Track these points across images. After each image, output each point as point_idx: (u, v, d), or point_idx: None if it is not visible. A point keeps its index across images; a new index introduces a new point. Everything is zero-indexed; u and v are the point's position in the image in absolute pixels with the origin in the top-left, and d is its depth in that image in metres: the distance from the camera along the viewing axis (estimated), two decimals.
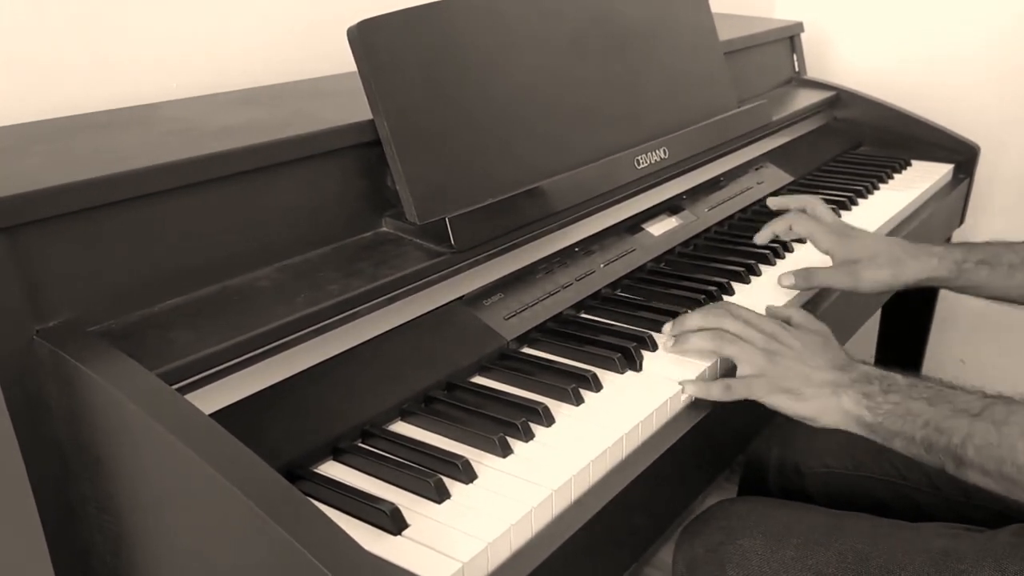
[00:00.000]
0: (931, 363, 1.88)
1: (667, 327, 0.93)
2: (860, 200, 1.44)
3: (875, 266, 1.04)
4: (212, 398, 0.70)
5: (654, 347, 0.93)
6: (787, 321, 0.90)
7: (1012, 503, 0.75)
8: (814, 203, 1.11)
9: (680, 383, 0.85)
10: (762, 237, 1.12)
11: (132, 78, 1.07)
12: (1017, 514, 0.85)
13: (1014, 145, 1.78)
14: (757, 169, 1.45)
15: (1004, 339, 1.91)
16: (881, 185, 1.52)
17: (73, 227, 0.68)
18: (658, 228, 1.19)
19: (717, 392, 0.85)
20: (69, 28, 1.01)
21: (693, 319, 0.90)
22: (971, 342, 1.97)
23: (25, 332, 0.64)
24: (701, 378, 0.88)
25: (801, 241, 1.23)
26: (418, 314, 0.87)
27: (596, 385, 0.85)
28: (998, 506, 0.88)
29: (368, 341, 0.82)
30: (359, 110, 0.89)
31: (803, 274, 1.05)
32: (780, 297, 1.06)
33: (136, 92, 1.06)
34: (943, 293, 1.77)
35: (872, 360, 1.82)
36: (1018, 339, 1.88)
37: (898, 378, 0.81)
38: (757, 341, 0.86)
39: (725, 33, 1.42)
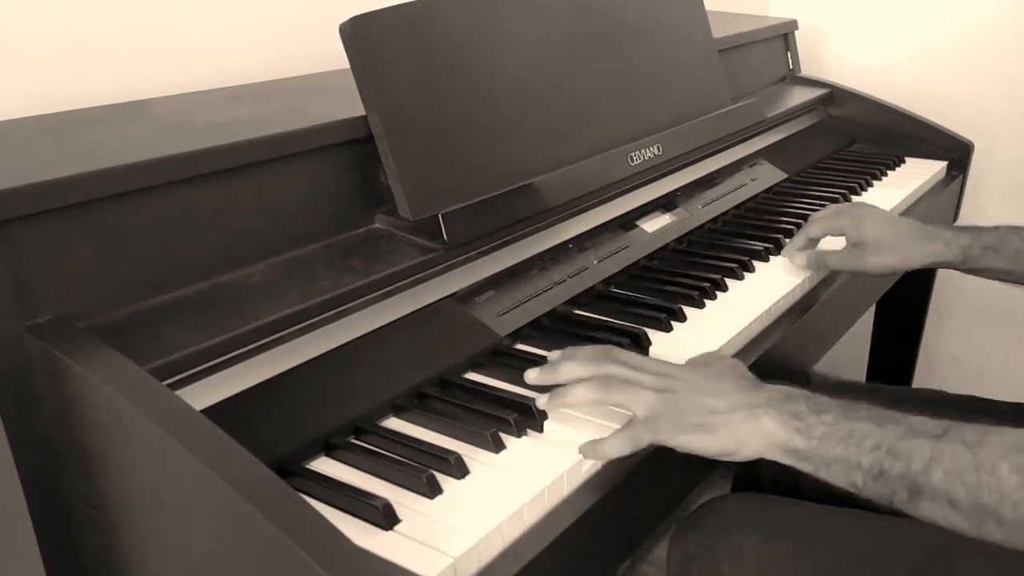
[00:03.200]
0: (924, 360, 1.89)
1: (532, 373, 0.80)
2: (854, 197, 1.44)
3: (883, 250, 1.06)
4: (203, 394, 0.70)
5: (648, 343, 0.93)
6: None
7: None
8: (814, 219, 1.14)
9: (580, 449, 0.74)
10: (799, 264, 1.13)
11: (123, 74, 1.07)
12: None
13: (1008, 142, 1.78)
14: (751, 166, 1.45)
15: (999, 336, 1.91)
16: (875, 182, 1.52)
17: (63, 222, 0.68)
18: (652, 225, 1.19)
19: (618, 446, 0.73)
20: (59, 24, 1.01)
21: (567, 367, 0.78)
22: (965, 339, 1.97)
23: (15, 328, 0.64)
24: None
25: (793, 236, 1.24)
26: (411, 310, 0.87)
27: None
28: None
29: (361, 337, 0.82)
30: (352, 106, 0.89)
31: (815, 256, 1.11)
32: (775, 291, 1.06)
33: (127, 88, 1.06)
34: (937, 289, 1.78)
35: (867, 359, 1.84)
36: (1014, 336, 1.89)
37: (825, 398, 0.72)
38: (646, 381, 0.75)
39: (719, 30, 1.42)
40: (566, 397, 0.77)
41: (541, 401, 0.78)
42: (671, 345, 0.93)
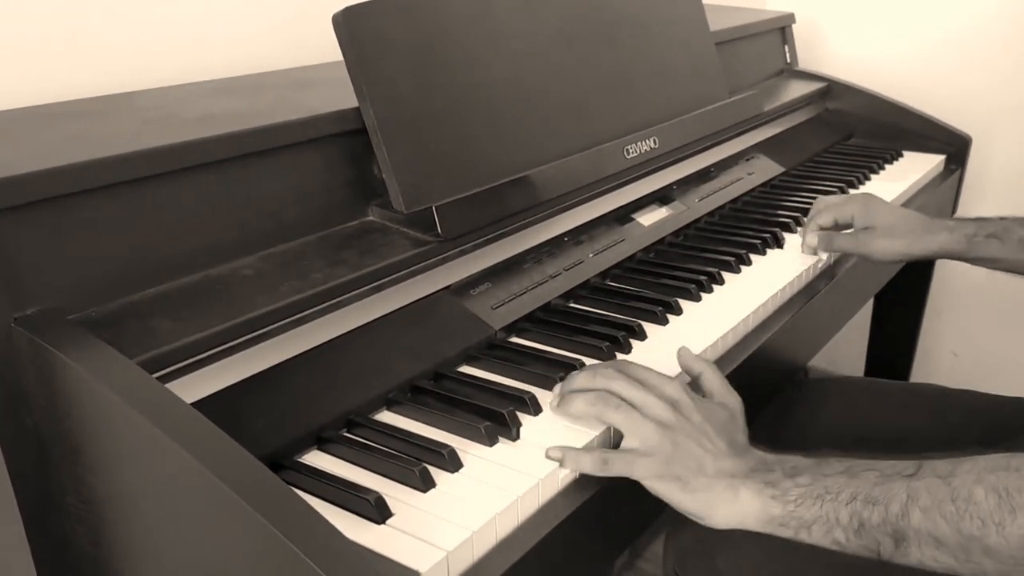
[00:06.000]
0: (923, 355, 1.88)
1: (557, 388, 0.79)
2: (851, 191, 1.43)
3: (890, 236, 1.09)
4: (194, 387, 0.69)
5: (643, 336, 0.93)
6: (696, 379, 0.80)
7: None
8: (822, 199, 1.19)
9: (547, 451, 0.72)
10: (811, 244, 1.15)
11: (112, 66, 1.06)
12: None
13: (1006, 136, 1.78)
14: (748, 160, 1.44)
15: (997, 333, 1.91)
16: (872, 176, 1.52)
17: (52, 214, 0.67)
18: (648, 218, 1.18)
19: (589, 464, 0.71)
20: (48, 14, 1.00)
21: (579, 379, 0.77)
22: (964, 335, 1.97)
23: (2, 320, 0.63)
24: (588, 446, 0.75)
25: (790, 230, 1.23)
26: (405, 303, 0.86)
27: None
28: None
29: (354, 330, 0.81)
30: (345, 98, 0.88)
31: (825, 238, 1.13)
32: (772, 285, 1.05)
33: (116, 80, 1.05)
34: (936, 284, 1.78)
35: (865, 354, 1.84)
36: (1012, 332, 1.88)
37: (798, 458, 0.70)
38: (652, 409, 0.72)
39: (716, 24, 1.42)
40: (569, 406, 0.76)
41: (551, 404, 0.78)
42: (667, 339, 0.93)
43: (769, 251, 1.17)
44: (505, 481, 0.69)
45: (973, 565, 0.61)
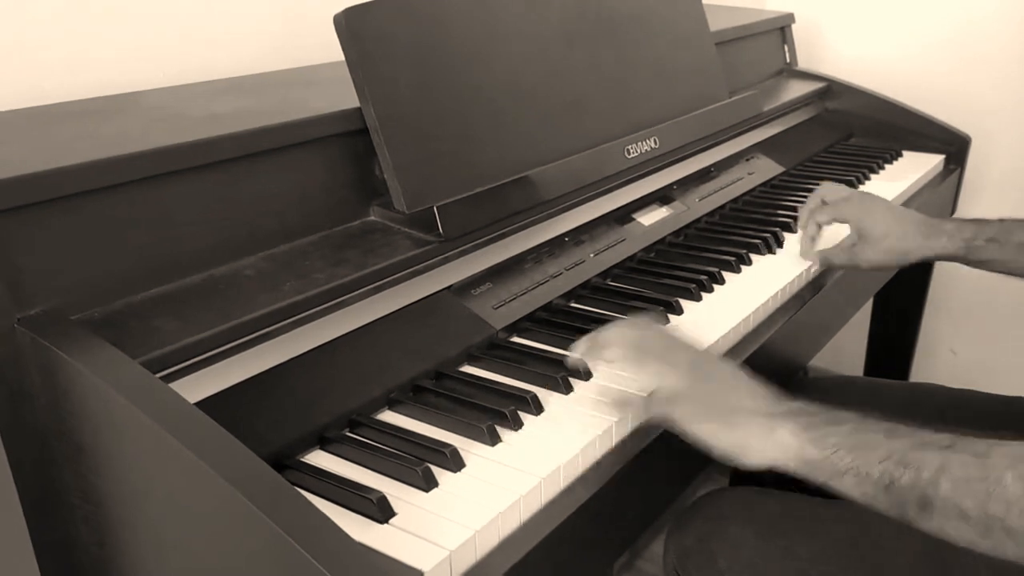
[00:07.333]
0: (922, 354, 1.89)
1: (581, 346, 0.82)
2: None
3: (887, 244, 1.08)
4: (197, 387, 0.69)
5: None
6: None
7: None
8: (825, 188, 1.17)
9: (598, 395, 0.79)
10: (809, 260, 1.15)
11: (116, 66, 1.06)
12: None
13: (1005, 136, 1.78)
14: (748, 160, 1.45)
15: (996, 330, 1.91)
16: (872, 175, 1.52)
17: (56, 214, 0.67)
18: (649, 218, 1.18)
19: (635, 408, 0.77)
20: (52, 15, 1.00)
21: (608, 332, 0.80)
22: (963, 333, 1.97)
23: (6, 320, 0.63)
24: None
25: (790, 229, 1.23)
26: (406, 303, 0.86)
27: (586, 374, 0.84)
28: None
29: (356, 330, 0.81)
30: (347, 98, 0.88)
31: (821, 257, 1.13)
32: (773, 285, 1.05)
33: (120, 80, 1.05)
34: (934, 283, 1.78)
35: (864, 351, 1.84)
36: (1010, 330, 1.88)
37: (842, 412, 0.71)
38: (681, 360, 0.76)
39: (716, 24, 1.42)
40: (604, 351, 0.79)
41: (579, 349, 0.81)
42: None
43: (769, 251, 1.17)
44: (507, 480, 0.69)
45: (994, 543, 0.62)
